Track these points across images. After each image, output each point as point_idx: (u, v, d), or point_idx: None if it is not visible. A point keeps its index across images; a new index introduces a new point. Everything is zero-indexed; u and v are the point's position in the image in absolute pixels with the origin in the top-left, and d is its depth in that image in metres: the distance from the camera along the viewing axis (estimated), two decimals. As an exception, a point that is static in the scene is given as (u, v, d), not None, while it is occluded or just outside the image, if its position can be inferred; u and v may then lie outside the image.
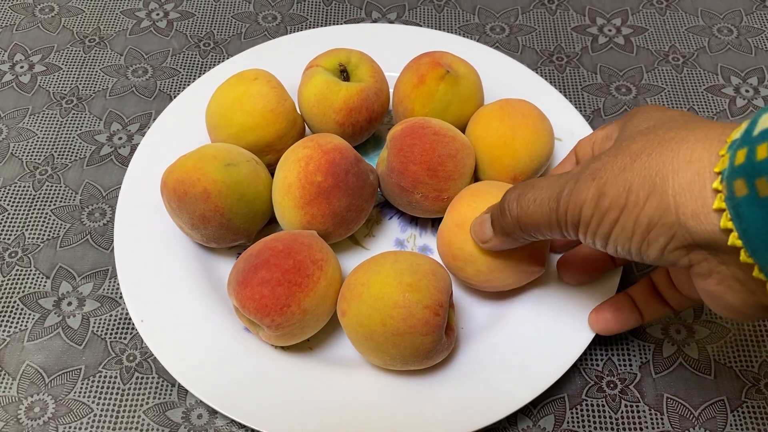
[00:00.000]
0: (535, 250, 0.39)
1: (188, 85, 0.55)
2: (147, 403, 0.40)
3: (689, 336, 0.43)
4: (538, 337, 0.40)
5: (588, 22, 0.60)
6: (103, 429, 0.39)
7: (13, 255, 0.46)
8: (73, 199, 0.49)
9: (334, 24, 0.60)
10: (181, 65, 0.57)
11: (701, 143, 0.26)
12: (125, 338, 0.43)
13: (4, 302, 0.44)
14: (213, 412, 0.40)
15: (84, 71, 0.56)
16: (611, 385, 0.41)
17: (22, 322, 0.43)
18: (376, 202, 0.47)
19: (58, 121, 0.53)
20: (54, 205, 0.49)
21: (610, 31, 0.60)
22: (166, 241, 0.44)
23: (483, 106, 0.47)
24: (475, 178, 0.46)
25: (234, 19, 0.61)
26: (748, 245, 0.24)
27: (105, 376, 0.41)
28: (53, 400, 0.40)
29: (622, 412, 0.40)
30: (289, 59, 0.52)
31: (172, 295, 0.42)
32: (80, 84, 0.56)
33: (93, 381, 0.41)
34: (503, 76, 0.52)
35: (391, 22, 0.60)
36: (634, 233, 0.28)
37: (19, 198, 0.49)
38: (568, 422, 0.40)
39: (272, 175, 0.44)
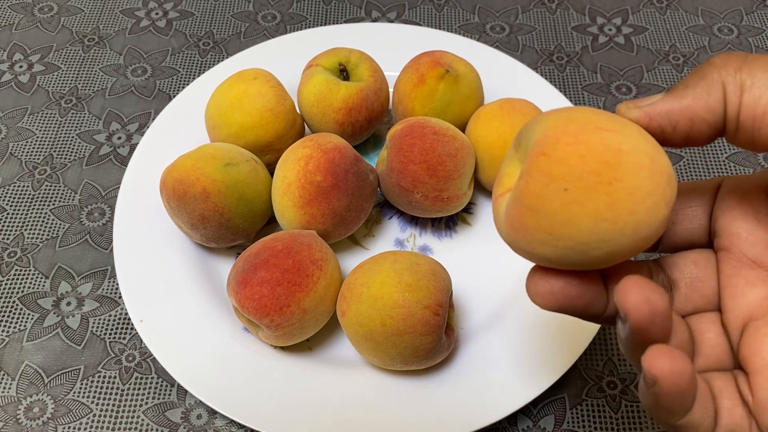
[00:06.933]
0: None
1: (187, 84, 0.55)
2: (146, 403, 0.40)
3: (690, 336, 0.43)
4: (538, 337, 0.40)
5: (588, 21, 0.60)
6: (102, 429, 0.39)
7: (12, 255, 0.46)
8: (73, 199, 0.49)
9: (333, 23, 0.60)
10: (180, 65, 0.57)
11: None
12: (124, 338, 0.43)
13: (3, 302, 0.44)
14: (212, 413, 0.40)
15: (83, 71, 0.56)
16: (611, 385, 0.41)
17: (21, 322, 0.43)
18: (376, 201, 0.47)
19: (57, 120, 0.53)
20: (53, 204, 0.48)
21: (610, 30, 0.60)
22: (165, 241, 0.44)
23: (483, 105, 0.47)
24: (475, 177, 0.46)
25: (233, 18, 0.61)
26: None
27: (104, 377, 0.41)
28: (52, 400, 0.40)
29: (622, 412, 0.40)
30: (288, 59, 0.52)
31: (171, 295, 0.42)
32: (79, 83, 0.55)
33: (92, 381, 0.41)
34: (503, 76, 0.52)
35: (390, 21, 0.60)
36: None
37: (18, 198, 0.49)
38: (568, 422, 0.40)
39: (272, 174, 0.44)
